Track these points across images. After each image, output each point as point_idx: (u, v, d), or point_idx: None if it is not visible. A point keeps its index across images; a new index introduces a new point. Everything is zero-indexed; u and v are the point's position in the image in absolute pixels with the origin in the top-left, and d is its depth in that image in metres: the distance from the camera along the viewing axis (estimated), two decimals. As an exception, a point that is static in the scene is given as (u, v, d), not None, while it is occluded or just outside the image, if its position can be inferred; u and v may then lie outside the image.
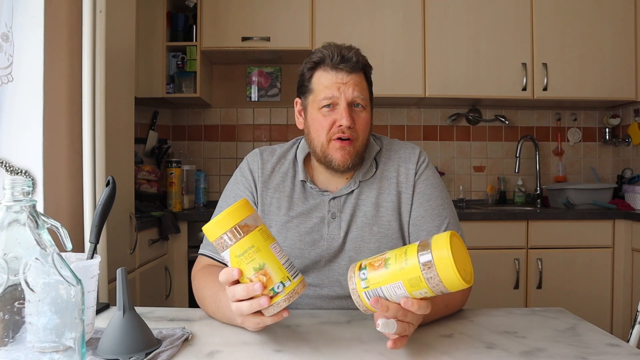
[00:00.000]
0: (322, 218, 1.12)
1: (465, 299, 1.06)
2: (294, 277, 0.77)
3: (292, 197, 1.14)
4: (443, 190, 1.16)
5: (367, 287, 0.76)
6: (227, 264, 0.78)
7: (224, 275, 0.78)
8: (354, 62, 1.07)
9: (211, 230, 0.76)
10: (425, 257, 0.71)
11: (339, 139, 1.07)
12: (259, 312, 0.78)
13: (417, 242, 0.75)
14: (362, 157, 1.12)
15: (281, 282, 0.76)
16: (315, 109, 1.09)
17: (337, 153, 1.08)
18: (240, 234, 0.75)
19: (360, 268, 0.78)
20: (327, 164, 1.10)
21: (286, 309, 0.77)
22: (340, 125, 1.06)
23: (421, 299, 0.75)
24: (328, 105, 1.07)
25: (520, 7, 2.83)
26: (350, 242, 1.10)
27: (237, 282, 0.78)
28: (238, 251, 0.75)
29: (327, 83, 1.07)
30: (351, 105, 1.08)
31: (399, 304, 0.75)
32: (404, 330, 0.76)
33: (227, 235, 0.75)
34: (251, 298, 0.76)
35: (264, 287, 0.75)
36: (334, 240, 1.11)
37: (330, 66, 1.07)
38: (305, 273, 1.10)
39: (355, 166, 1.11)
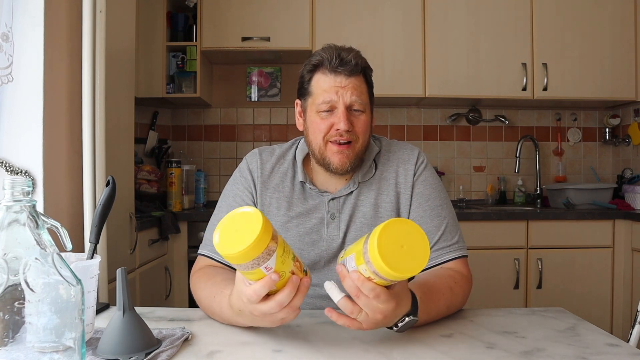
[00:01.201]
0: (321, 219, 1.12)
1: (466, 299, 1.06)
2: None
3: (291, 197, 1.14)
4: (442, 190, 1.16)
5: (342, 256, 0.82)
6: (265, 273, 0.74)
7: (262, 288, 0.74)
8: (352, 65, 1.06)
9: (259, 243, 0.71)
10: (367, 237, 0.75)
11: (338, 142, 1.07)
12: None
13: (371, 232, 0.77)
14: (361, 159, 1.12)
15: (303, 262, 0.82)
16: (314, 111, 1.09)
17: (335, 157, 1.08)
18: (276, 233, 0.75)
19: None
20: (326, 167, 1.10)
21: None
22: (338, 129, 1.06)
23: (369, 280, 0.75)
24: (327, 109, 1.07)
25: (520, 7, 2.83)
26: (349, 242, 1.10)
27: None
28: (282, 248, 0.75)
29: (325, 86, 1.07)
30: (350, 109, 1.07)
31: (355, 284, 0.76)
32: (351, 310, 0.77)
33: (274, 237, 0.73)
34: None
35: (299, 272, 0.78)
36: (333, 240, 1.11)
37: (328, 69, 1.06)
38: (305, 273, 1.10)
39: (354, 169, 1.11)
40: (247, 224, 0.72)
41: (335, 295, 0.78)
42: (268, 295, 0.77)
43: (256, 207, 1.14)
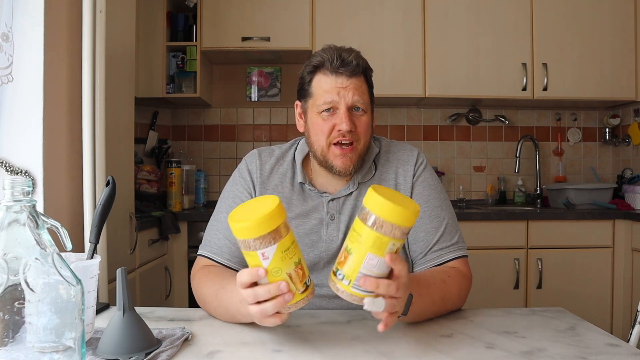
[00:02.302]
0: (320, 219, 1.12)
1: (464, 297, 1.06)
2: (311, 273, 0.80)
3: (290, 198, 1.14)
4: (441, 191, 1.16)
5: (350, 280, 0.75)
6: (260, 261, 0.75)
7: (247, 276, 0.76)
8: (353, 66, 1.05)
9: (262, 224, 0.73)
10: (371, 219, 0.73)
11: (340, 143, 1.07)
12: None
13: (357, 217, 0.76)
14: (363, 160, 1.12)
15: (309, 277, 0.79)
16: (315, 113, 1.09)
17: (338, 160, 1.07)
18: (287, 229, 0.76)
19: (335, 273, 0.77)
20: (329, 169, 1.10)
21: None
22: (340, 130, 1.06)
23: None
24: (328, 110, 1.07)
25: (520, 7, 2.83)
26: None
27: (255, 284, 0.77)
28: (286, 245, 0.75)
29: (326, 87, 1.06)
30: (351, 109, 1.07)
31: (388, 279, 0.75)
32: (393, 306, 0.76)
33: (280, 229, 0.74)
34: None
35: (298, 281, 0.76)
36: (333, 241, 1.11)
37: (329, 70, 1.06)
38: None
39: (357, 170, 1.11)
40: (264, 206, 0.75)
41: (379, 304, 0.75)
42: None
43: None
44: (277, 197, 0.77)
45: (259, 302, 0.77)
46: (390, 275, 0.76)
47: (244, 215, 0.76)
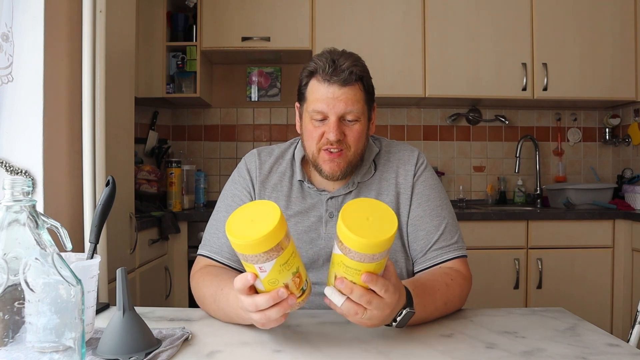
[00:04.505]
0: (319, 217, 1.12)
1: (465, 298, 1.06)
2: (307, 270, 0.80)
3: (289, 196, 1.14)
4: (441, 191, 1.16)
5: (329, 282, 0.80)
6: (258, 273, 0.74)
7: (239, 282, 0.77)
8: (346, 75, 1.03)
9: (262, 243, 0.71)
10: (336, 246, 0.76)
11: (329, 150, 1.07)
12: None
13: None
14: (355, 166, 1.11)
15: (307, 280, 0.79)
16: (308, 118, 1.09)
17: (326, 165, 1.08)
18: (288, 240, 0.74)
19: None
20: (318, 172, 1.11)
21: None
22: (329, 138, 1.05)
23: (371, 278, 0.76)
24: (319, 118, 1.07)
25: (520, 7, 2.83)
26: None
27: (254, 291, 0.78)
28: (285, 259, 0.73)
29: (318, 95, 1.05)
30: (342, 119, 1.06)
31: (365, 288, 0.76)
32: (356, 311, 0.77)
33: (281, 244, 0.72)
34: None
35: (295, 289, 0.76)
36: (332, 239, 1.11)
37: (322, 78, 1.04)
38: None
39: (346, 175, 1.11)
40: (264, 218, 0.73)
41: (338, 299, 0.77)
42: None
43: None
44: (277, 206, 0.74)
45: (261, 310, 0.77)
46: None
47: (242, 226, 0.73)
